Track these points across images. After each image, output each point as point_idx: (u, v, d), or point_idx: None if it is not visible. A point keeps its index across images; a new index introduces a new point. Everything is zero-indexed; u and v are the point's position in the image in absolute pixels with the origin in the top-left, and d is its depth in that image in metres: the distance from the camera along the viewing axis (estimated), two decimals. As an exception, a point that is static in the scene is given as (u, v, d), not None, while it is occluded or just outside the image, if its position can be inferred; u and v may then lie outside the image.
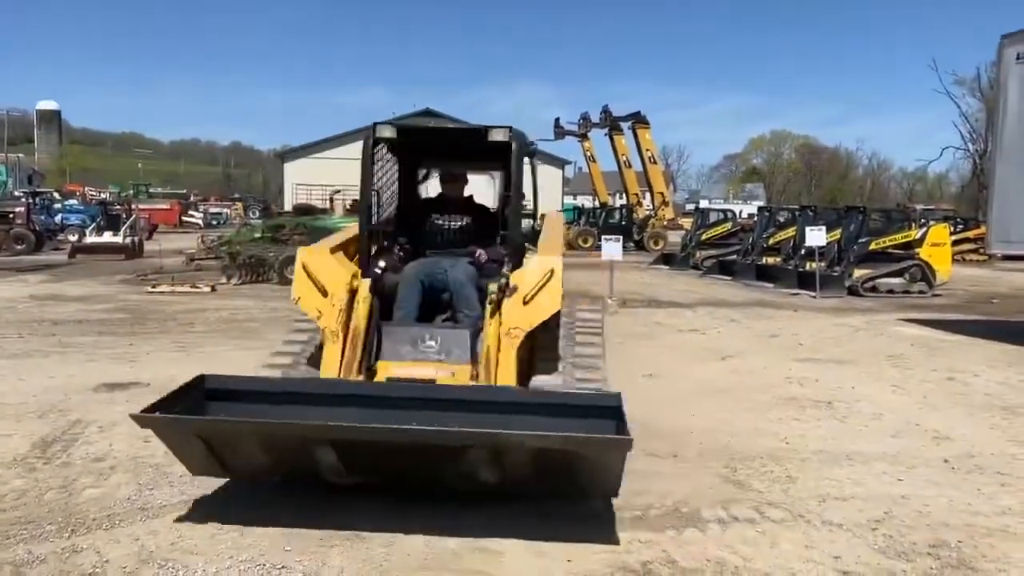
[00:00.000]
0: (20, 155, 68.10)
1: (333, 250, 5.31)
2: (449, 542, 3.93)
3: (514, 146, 5.28)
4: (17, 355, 8.48)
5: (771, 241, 21.16)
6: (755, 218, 25.93)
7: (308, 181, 46.54)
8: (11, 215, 26.51)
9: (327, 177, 41.00)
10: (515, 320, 4.87)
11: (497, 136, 5.27)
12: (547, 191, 47.15)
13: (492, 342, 4.88)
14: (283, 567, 3.63)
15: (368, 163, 5.42)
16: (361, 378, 4.82)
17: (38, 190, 32.83)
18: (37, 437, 5.48)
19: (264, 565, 3.63)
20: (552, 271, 4.89)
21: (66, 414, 6.05)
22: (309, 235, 15.34)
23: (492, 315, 4.96)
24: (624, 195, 39.68)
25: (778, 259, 20.22)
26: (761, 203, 55.04)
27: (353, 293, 5.07)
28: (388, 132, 5.44)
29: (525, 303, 4.86)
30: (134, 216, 27.38)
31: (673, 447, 5.63)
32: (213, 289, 15.12)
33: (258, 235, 18.92)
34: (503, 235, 5.59)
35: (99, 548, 3.76)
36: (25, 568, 3.55)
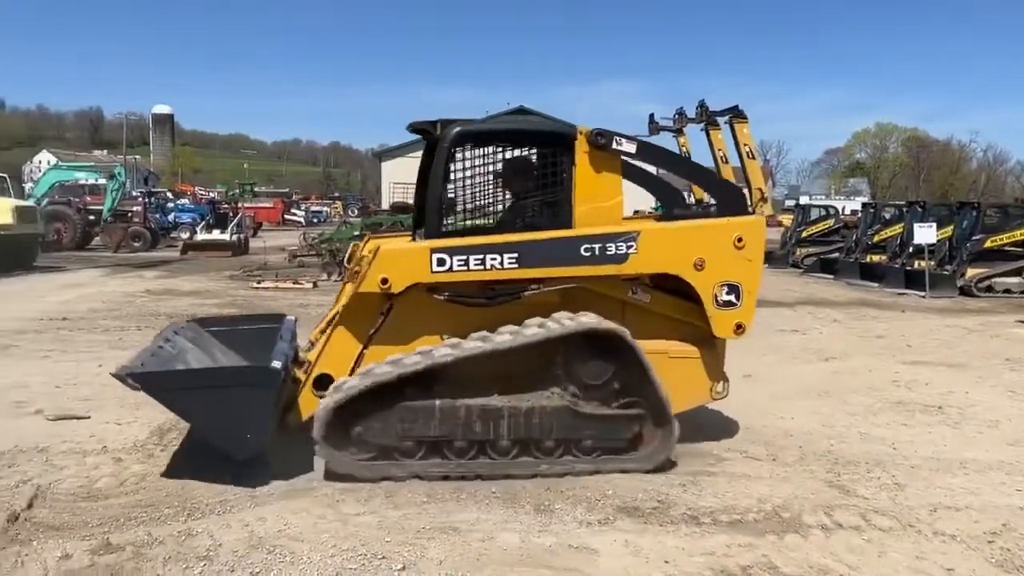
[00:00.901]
0: (137, 156, 71.91)
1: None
2: (545, 539, 3.95)
3: (443, 140, 5.14)
4: (136, 347, 8.94)
5: (876, 238, 20.38)
6: (859, 214, 24.98)
7: (405, 179, 47.41)
8: (130, 214, 28.07)
9: (423, 175, 41.58)
10: (345, 296, 4.98)
11: (436, 130, 5.30)
12: (639, 187, 46.56)
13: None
14: (383, 557, 3.72)
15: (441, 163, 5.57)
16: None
17: (153, 190, 34.51)
18: (155, 425, 5.78)
19: (365, 554, 3.74)
20: (377, 248, 4.91)
21: (180, 404, 6.35)
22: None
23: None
24: (720, 191, 38.80)
25: (883, 257, 19.47)
26: (865, 199, 52.97)
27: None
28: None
29: (355, 282, 4.96)
30: (240, 214, 28.52)
31: (772, 450, 5.50)
32: (315, 285, 15.61)
33: (357, 233, 19.42)
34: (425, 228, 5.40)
35: (212, 532, 3.95)
36: (145, 549, 3.76)
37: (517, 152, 5.30)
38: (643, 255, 5.04)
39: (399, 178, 48.90)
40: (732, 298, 5.22)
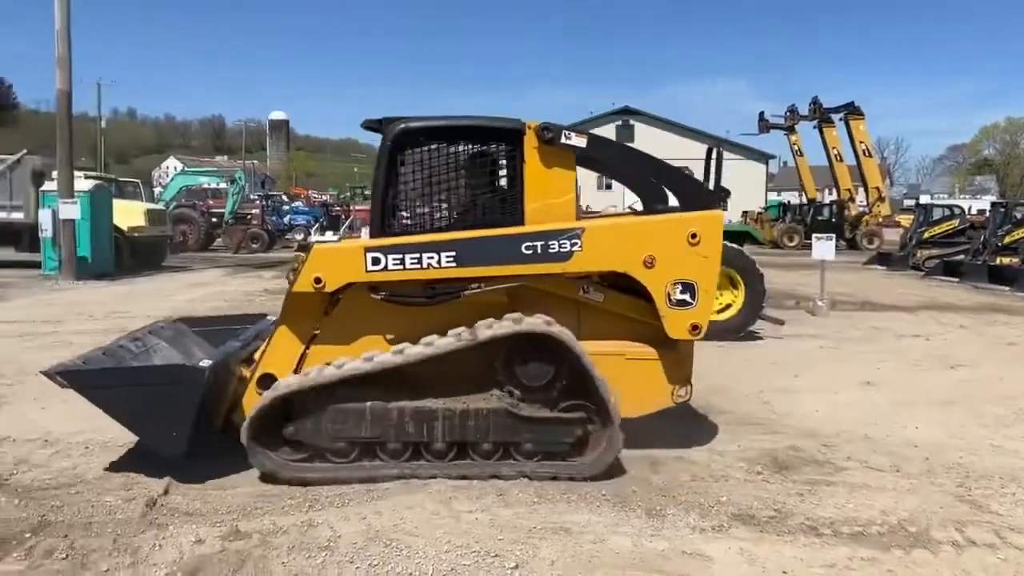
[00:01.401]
0: (255, 161, 75.27)
1: None
2: (658, 544, 3.91)
3: (386, 137, 5.02)
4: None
5: (1007, 239, 19.19)
6: (986, 214, 23.62)
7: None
8: (249, 217, 29.42)
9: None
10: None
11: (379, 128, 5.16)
12: (750, 187, 45.58)
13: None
14: (496, 555, 3.76)
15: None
16: None
17: (270, 194, 36.02)
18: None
19: (479, 551, 3.79)
20: (310, 250, 4.90)
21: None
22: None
23: None
24: (834, 190, 37.53)
25: (1015, 259, 18.33)
26: (993, 198, 50.03)
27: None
28: None
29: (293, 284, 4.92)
30: (352, 216, 29.40)
31: (895, 460, 5.27)
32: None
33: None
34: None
35: (332, 524, 4.09)
36: (271, 537, 3.93)
37: (464, 149, 5.10)
38: (588, 253, 4.85)
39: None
40: (687, 297, 4.95)
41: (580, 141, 5.01)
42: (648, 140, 50.12)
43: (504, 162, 5.04)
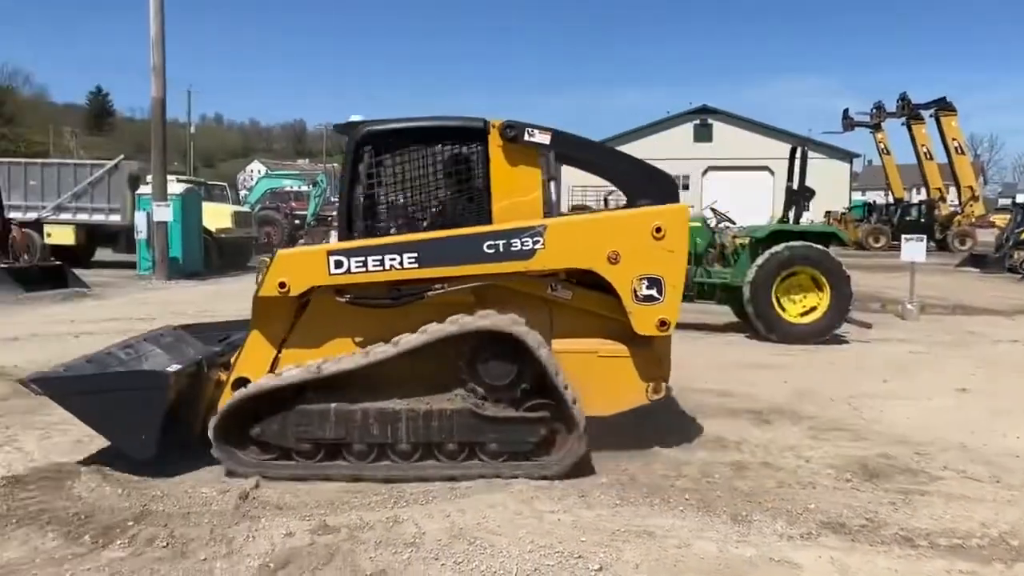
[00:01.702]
0: (334, 164, 76.77)
1: None
2: (744, 550, 3.84)
3: (351, 140, 5.01)
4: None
5: (1112, 240, 18.20)
6: (1091, 214, 22.43)
7: (584, 182, 47.83)
8: (330, 219, 30.07)
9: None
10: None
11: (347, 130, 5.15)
12: (833, 186, 44.31)
13: None
14: (580, 557, 3.76)
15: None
16: None
17: (349, 196, 36.76)
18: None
19: (562, 552, 3.79)
20: (275, 255, 4.90)
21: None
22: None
23: None
24: (924, 189, 36.19)
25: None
26: (1097, 196, 47.34)
27: None
28: None
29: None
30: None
31: (994, 471, 5.05)
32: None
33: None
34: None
35: (417, 521, 4.15)
36: (358, 532, 4.02)
37: (429, 149, 5.07)
38: (550, 250, 4.78)
39: (578, 180, 49.37)
40: (653, 292, 4.85)
41: (544, 138, 4.98)
42: (727, 139, 49.24)
43: (470, 161, 5.06)
